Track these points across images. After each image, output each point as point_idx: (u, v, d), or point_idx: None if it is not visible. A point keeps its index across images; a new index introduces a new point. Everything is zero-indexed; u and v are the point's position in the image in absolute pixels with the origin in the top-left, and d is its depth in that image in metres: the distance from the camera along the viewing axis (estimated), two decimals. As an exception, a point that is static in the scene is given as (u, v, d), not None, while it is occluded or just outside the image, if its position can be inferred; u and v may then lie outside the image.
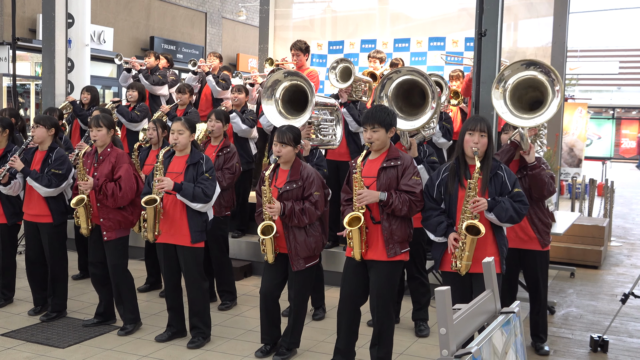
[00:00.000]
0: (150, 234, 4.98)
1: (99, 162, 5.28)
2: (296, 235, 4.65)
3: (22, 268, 7.04)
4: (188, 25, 22.02)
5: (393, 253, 4.30)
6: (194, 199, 4.90)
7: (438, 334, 1.95)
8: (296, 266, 4.67)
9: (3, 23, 15.71)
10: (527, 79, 4.79)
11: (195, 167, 5.02)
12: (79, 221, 5.26)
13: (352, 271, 4.42)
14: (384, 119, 4.33)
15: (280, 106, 5.56)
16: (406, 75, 5.04)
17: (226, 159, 5.94)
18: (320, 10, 10.95)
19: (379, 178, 4.33)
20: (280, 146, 4.69)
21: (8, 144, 5.94)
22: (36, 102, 17.29)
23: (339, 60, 6.78)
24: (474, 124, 4.16)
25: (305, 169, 4.75)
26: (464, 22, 9.47)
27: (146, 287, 6.58)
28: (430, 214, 4.25)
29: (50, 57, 8.98)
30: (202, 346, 5.06)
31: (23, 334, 5.25)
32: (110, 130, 5.32)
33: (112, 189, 5.13)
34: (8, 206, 5.83)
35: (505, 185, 4.16)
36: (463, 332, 2.06)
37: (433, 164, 5.26)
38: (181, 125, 5.04)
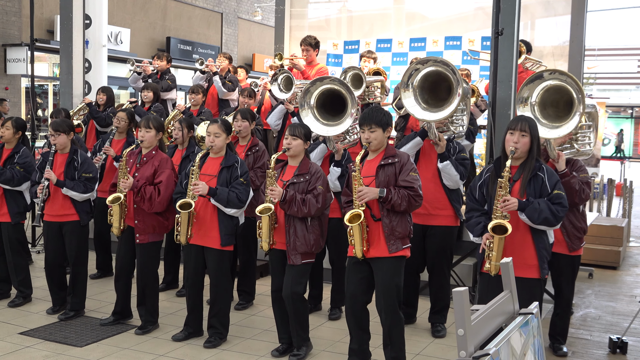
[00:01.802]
0: (183, 237, 5.00)
1: (141, 163, 5.30)
2: (297, 229, 4.65)
3: (40, 267, 7.10)
4: (204, 25, 22.10)
5: (395, 249, 4.32)
6: (228, 204, 4.92)
7: (456, 335, 1.94)
8: (293, 260, 4.66)
9: (21, 24, 15.86)
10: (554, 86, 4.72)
11: (229, 170, 5.02)
12: (111, 219, 5.28)
13: (355, 270, 4.43)
14: (380, 119, 4.37)
15: (316, 112, 5.46)
16: (432, 67, 5.02)
17: (256, 157, 5.93)
18: (335, 10, 10.95)
19: (378, 176, 4.37)
20: (291, 139, 4.72)
21: (17, 144, 6.00)
22: (54, 102, 17.43)
23: (347, 69, 6.77)
24: (515, 123, 4.13)
25: (314, 165, 4.80)
26: (480, 21, 9.43)
27: (163, 286, 6.60)
28: (472, 215, 4.25)
29: (68, 58, 9.04)
30: (219, 345, 5.07)
31: (41, 333, 5.29)
32: (159, 132, 5.34)
33: (151, 193, 5.14)
34: (13, 205, 5.90)
35: (544, 186, 4.08)
36: (481, 333, 2.05)
37: (463, 160, 5.24)
38: (218, 127, 5.04)
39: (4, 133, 5.91)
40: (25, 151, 6.00)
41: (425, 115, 5.04)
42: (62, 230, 5.65)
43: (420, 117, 5.09)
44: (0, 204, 5.92)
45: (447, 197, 5.30)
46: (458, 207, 5.35)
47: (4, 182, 5.81)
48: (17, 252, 6.00)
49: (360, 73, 6.60)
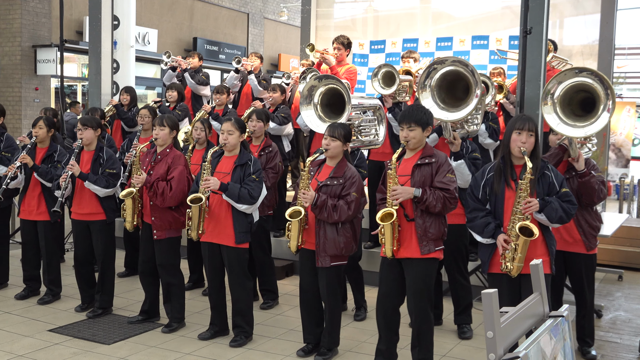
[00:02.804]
0: (194, 232, 5.03)
1: (156, 161, 5.35)
2: (327, 231, 4.63)
3: (69, 265, 7.19)
4: (230, 26, 22.20)
5: (427, 250, 4.27)
6: (239, 200, 4.93)
7: (485, 337, 1.91)
8: (322, 262, 4.65)
9: (51, 26, 16.08)
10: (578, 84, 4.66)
11: (242, 168, 5.04)
12: (125, 214, 5.33)
13: (387, 271, 4.41)
14: (420, 118, 4.31)
15: (320, 111, 5.53)
16: (450, 66, 4.99)
17: (269, 158, 5.95)
18: (361, 9, 10.92)
19: (414, 175, 4.32)
20: (330, 140, 4.69)
21: (51, 143, 6.08)
22: (83, 102, 17.65)
23: (380, 66, 6.74)
24: (521, 123, 4.10)
25: (350, 169, 4.73)
26: (508, 20, 9.33)
27: (189, 285, 6.65)
28: (476, 215, 4.21)
29: (97, 58, 9.14)
30: (244, 345, 5.09)
31: (70, 330, 5.36)
32: (172, 131, 5.39)
33: (163, 187, 5.20)
34: (51, 204, 5.97)
35: (552, 185, 4.10)
36: (510, 335, 2.02)
37: (475, 160, 5.20)
38: (231, 125, 5.07)
39: (37, 133, 5.99)
40: (62, 149, 6.08)
41: (442, 115, 5.00)
42: (89, 229, 5.71)
43: (437, 117, 5.05)
44: (39, 203, 6.00)
45: (459, 196, 5.25)
46: None
47: (50, 181, 5.87)
48: (52, 251, 6.08)
49: (393, 71, 6.57)
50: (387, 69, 6.60)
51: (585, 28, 9.68)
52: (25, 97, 15.73)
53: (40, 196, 5.99)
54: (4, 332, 5.27)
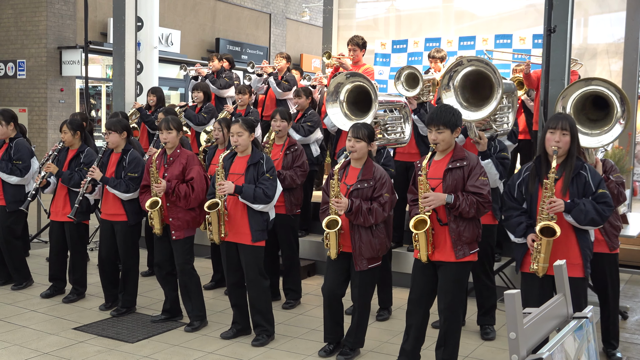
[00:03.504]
0: (216, 236, 5.06)
1: (168, 164, 5.39)
2: (362, 234, 4.62)
3: (94, 264, 7.27)
4: (252, 26, 22.28)
5: (462, 254, 4.23)
6: (255, 200, 4.95)
7: (507, 338, 1.90)
8: (359, 266, 4.65)
9: (76, 27, 16.26)
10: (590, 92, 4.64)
11: (255, 167, 5.06)
12: (152, 222, 5.38)
13: (420, 273, 4.38)
14: (449, 120, 4.25)
15: (346, 108, 5.53)
16: (471, 66, 4.96)
17: (294, 157, 5.96)
18: (383, 9, 10.89)
19: (445, 179, 4.27)
20: (354, 141, 4.67)
21: (81, 144, 6.15)
22: (107, 103, 17.83)
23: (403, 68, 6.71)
24: (555, 122, 4.03)
25: (378, 169, 4.72)
26: (532, 18, 9.25)
27: (212, 284, 6.69)
28: (511, 214, 4.17)
29: (121, 59, 9.23)
30: (266, 344, 5.10)
31: (94, 328, 5.41)
32: (179, 132, 5.43)
33: (185, 190, 5.23)
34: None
35: (588, 185, 4.00)
36: (533, 337, 2.01)
37: (503, 160, 5.15)
38: (239, 127, 5.09)
39: (64, 138, 6.07)
40: (90, 151, 6.13)
41: (465, 115, 4.96)
42: (114, 229, 5.77)
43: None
44: (64, 204, 6.07)
45: None
46: (496, 206, 5.26)
47: (74, 185, 5.96)
48: (78, 251, 6.15)
49: (416, 72, 6.54)
50: (410, 71, 6.57)
51: (610, 26, 9.56)
52: (51, 98, 15.93)
53: (66, 197, 6.07)
54: (30, 329, 5.34)
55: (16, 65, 16.17)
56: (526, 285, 4.18)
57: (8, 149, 6.37)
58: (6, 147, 6.40)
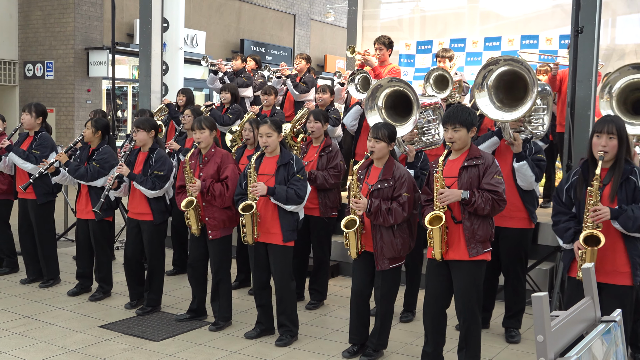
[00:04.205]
0: (249, 237, 5.07)
1: (203, 163, 5.41)
2: (383, 234, 4.62)
3: (119, 263, 7.35)
4: (277, 27, 22.36)
5: (475, 252, 4.22)
6: (287, 201, 4.96)
7: (535, 341, 1.89)
8: (380, 265, 4.65)
9: (103, 29, 16.46)
10: (635, 82, 4.56)
11: (285, 168, 5.07)
12: (189, 222, 5.41)
13: (434, 272, 4.37)
14: (465, 119, 4.25)
15: (384, 114, 5.46)
16: (505, 66, 4.91)
17: (329, 158, 5.93)
18: (408, 10, 10.86)
19: (460, 177, 4.27)
20: (374, 142, 4.66)
21: (100, 143, 6.22)
22: (133, 103, 18.01)
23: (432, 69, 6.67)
24: (601, 126, 3.90)
25: (399, 169, 4.71)
26: (559, 19, 9.16)
27: (236, 284, 6.72)
28: (559, 219, 4.10)
29: (147, 60, 9.32)
30: (290, 344, 5.11)
31: (120, 327, 5.47)
32: (212, 131, 5.46)
33: (220, 189, 5.26)
34: (95, 202, 6.08)
35: (638, 191, 3.87)
36: (561, 340, 1.99)
37: (539, 161, 5.10)
38: (268, 127, 5.10)
39: (85, 133, 6.17)
40: (105, 148, 6.20)
41: (498, 115, 4.93)
42: (140, 228, 5.83)
43: (494, 117, 4.99)
44: (86, 202, 6.15)
45: (521, 199, 5.16)
46: (532, 209, 5.21)
47: (78, 177, 6.03)
48: (102, 249, 6.23)
49: (445, 74, 6.50)
50: (440, 72, 6.53)
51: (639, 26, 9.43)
52: (78, 99, 16.14)
53: (87, 195, 6.15)
54: (57, 327, 5.41)
55: (44, 66, 16.41)
56: (570, 290, 4.12)
57: (33, 141, 6.50)
58: (31, 139, 6.52)
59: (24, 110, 6.53)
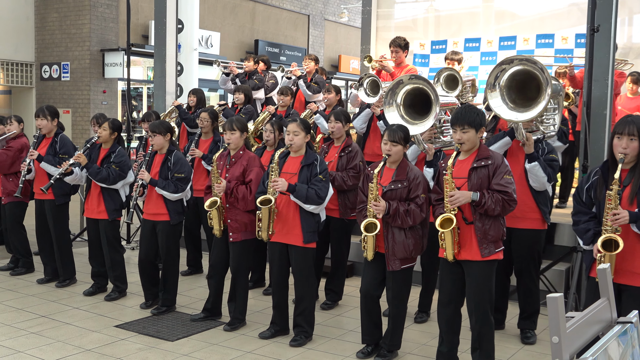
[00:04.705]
0: (264, 233, 5.08)
1: (231, 164, 5.43)
2: (395, 235, 4.61)
3: (135, 263, 7.39)
4: (291, 27, 22.39)
5: (487, 252, 4.22)
6: (307, 201, 4.96)
7: (550, 342, 1.87)
8: (392, 266, 4.63)
9: (118, 30, 16.56)
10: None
11: (309, 168, 5.06)
12: (211, 222, 5.43)
13: (448, 273, 4.37)
14: (473, 120, 4.24)
15: (402, 111, 5.44)
16: (519, 66, 4.88)
17: (349, 158, 5.90)
18: (422, 9, 10.81)
19: (470, 178, 4.25)
20: (390, 145, 4.66)
21: (113, 144, 6.26)
22: (148, 104, 18.10)
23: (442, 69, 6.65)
24: (622, 127, 3.84)
25: (412, 170, 4.71)
26: (575, 17, 9.09)
27: (250, 284, 6.72)
28: (579, 219, 4.05)
29: (162, 61, 9.36)
30: (304, 345, 5.11)
31: (135, 326, 5.50)
32: (243, 133, 5.46)
33: (243, 192, 5.26)
34: (110, 203, 6.15)
35: None
36: (577, 341, 1.97)
37: (552, 162, 5.06)
38: (297, 126, 5.10)
39: (101, 133, 6.19)
40: (121, 151, 6.25)
41: (512, 116, 4.89)
42: (155, 229, 5.85)
43: (507, 118, 4.95)
44: (98, 202, 6.19)
45: (534, 200, 5.12)
46: (545, 210, 5.16)
47: (100, 180, 6.08)
48: (114, 248, 6.27)
49: (456, 74, 6.48)
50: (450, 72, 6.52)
51: (656, 25, 9.34)
52: (94, 100, 16.25)
53: (100, 195, 6.18)
54: (73, 326, 5.45)
55: (60, 68, 16.54)
56: (590, 291, 4.08)
57: (53, 143, 6.55)
58: (50, 141, 6.57)
59: (37, 116, 6.56)
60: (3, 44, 16.19)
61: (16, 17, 16.43)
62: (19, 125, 7.19)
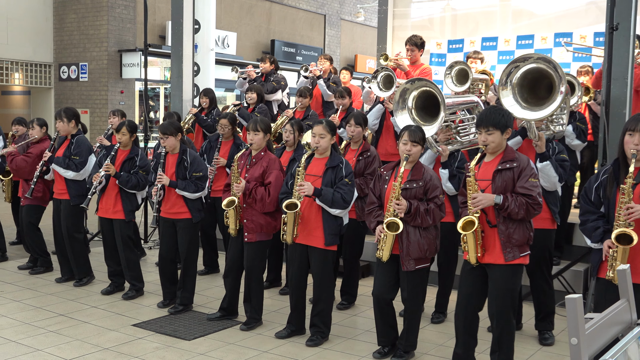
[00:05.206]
0: (289, 236, 5.08)
1: (251, 165, 5.43)
2: (410, 235, 4.59)
3: (151, 262, 7.43)
4: (307, 27, 22.39)
5: (511, 257, 4.16)
6: (332, 205, 4.94)
7: (569, 343, 1.86)
8: (406, 266, 4.61)
9: (136, 31, 16.66)
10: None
11: (334, 171, 5.04)
12: (228, 221, 5.44)
13: (469, 274, 4.33)
14: (498, 121, 4.19)
15: (415, 114, 5.41)
16: (532, 64, 4.84)
17: (367, 163, 5.86)
18: (439, 8, 10.77)
19: (494, 181, 4.20)
20: (411, 145, 4.64)
21: (132, 147, 6.30)
22: (165, 105, 18.19)
23: (454, 63, 6.61)
24: (634, 124, 3.83)
25: (427, 170, 4.70)
26: (593, 16, 9.00)
27: (266, 284, 6.73)
28: (588, 218, 4.04)
29: (179, 61, 9.39)
30: (320, 345, 5.11)
31: (152, 325, 5.53)
32: (266, 134, 5.46)
33: (262, 194, 5.26)
34: (127, 204, 6.19)
35: None
36: (596, 343, 1.95)
37: (563, 162, 5.02)
38: (323, 128, 5.09)
39: (121, 139, 6.22)
40: (143, 154, 6.31)
41: (525, 114, 4.84)
42: (175, 227, 5.88)
43: (520, 116, 4.90)
44: (115, 203, 6.23)
45: (545, 200, 5.07)
46: (555, 210, 5.13)
47: (131, 188, 6.14)
48: (129, 248, 6.31)
49: (467, 69, 6.45)
50: (462, 67, 6.49)
51: (676, 23, 9.23)
52: (112, 100, 16.36)
53: (118, 196, 6.22)
54: (91, 325, 5.49)
55: (79, 69, 16.67)
56: (599, 292, 4.05)
57: (69, 144, 6.60)
58: (68, 143, 6.63)
59: (56, 119, 6.65)
60: (22, 45, 16.35)
61: (35, 18, 16.59)
62: (41, 129, 7.24)
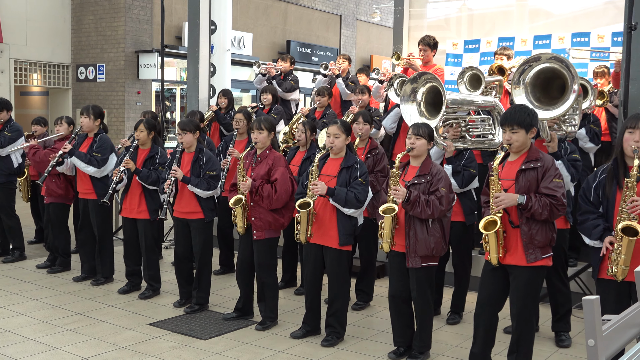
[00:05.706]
0: (302, 236, 5.09)
1: (257, 163, 5.46)
2: (417, 231, 4.58)
3: (167, 262, 7.47)
4: (323, 28, 22.41)
5: (533, 258, 4.12)
6: (346, 204, 4.95)
7: (585, 345, 1.85)
8: (412, 263, 4.60)
9: (152, 32, 16.76)
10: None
11: (348, 171, 5.05)
12: (235, 220, 5.47)
13: (490, 275, 4.29)
14: (523, 120, 4.15)
15: (423, 107, 5.42)
16: (545, 64, 4.81)
17: (376, 160, 5.89)
18: (455, 8, 10.73)
19: (518, 181, 4.16)
20: (415, 138, 4.66)
21: (152, 145, 6.33)
22: (181, 105, 18.28)
23: (465, 69, 6.61)
24: (634, 122, 3.86)
25: (435, 166, 4.70)
26: (611, 15, 8.93)
27: (281, 284, 6.75)
28: (587, 218, 4.02)
29: (195, 62, 9.44)
30: (336, 345, 5.12)
31: (168, 325, 5.56)
32: (270, 133, 5.49)
33: (268, 191, 5.28)
34: (151, 203, 6.22)
35: None
36: (613, 345, 1.94)
37: (575, 162, 5.00)
38: (337, 128, 5.10)
39: (139, 136, 6.26)
40: (163, 152, 6.34)
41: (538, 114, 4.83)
42: (189, 227, 5.91)
43: None
44: (139, 202, 6.26)
45: None
46: (568, 209, 5.09)
47: (151, 184, 6.15)
48: (151, 248, 6.35)
49: (479, 73, 6.44)
50: (473, 72, 6.47)
51: (696, 22, 9.13)
52: (128, 101, 16.47)
53: (142, 195, 6.25)
54: (108, 324, 5.53)
55: (96, 69, 16.81)
56: (601, 294, 4.01)
57: (93, 142, 6.66)
58: (91, 141, 6.68)
59: (82, 114, 6.69)
60: (41, 46, 16.52)
61: (53, 20, 16.74)
62: (69, 127, 7.36)
